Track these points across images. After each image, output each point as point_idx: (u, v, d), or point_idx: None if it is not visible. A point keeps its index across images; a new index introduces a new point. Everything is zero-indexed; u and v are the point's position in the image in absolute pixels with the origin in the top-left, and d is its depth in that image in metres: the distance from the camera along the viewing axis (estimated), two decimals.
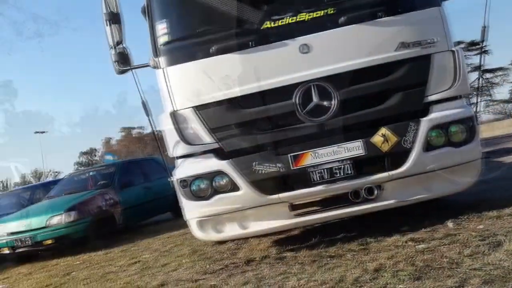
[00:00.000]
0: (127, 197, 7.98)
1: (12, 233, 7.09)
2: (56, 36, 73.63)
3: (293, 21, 3.42)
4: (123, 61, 3.73)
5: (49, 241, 6.88)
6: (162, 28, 3.62)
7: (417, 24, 3.52)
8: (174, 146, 3.69)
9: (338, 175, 3.40)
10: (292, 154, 3.40)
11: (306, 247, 3.80)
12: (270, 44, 3.44)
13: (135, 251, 5.93)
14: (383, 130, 3.41)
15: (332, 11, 3.42)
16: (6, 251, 7.11)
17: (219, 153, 3.60)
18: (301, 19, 3.42)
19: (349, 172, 3.40)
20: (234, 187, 3.50)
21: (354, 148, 3.39)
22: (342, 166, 3.40)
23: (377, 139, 3.40)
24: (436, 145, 3.47)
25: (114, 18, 3.69)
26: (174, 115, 3.63)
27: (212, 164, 3.58)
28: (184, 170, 3.69)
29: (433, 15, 3.52)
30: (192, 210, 3.73)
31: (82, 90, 75.01)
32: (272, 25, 3.43)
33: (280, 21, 3.42)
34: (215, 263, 4.00)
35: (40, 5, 68.96)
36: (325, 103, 3.38)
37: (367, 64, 3.43)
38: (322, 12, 3.42)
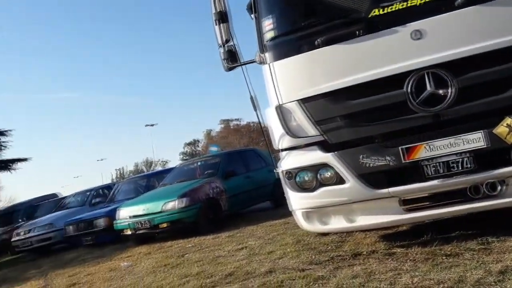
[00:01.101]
0: (231, 185, 8.42)
1: (133, 216, 7.94)
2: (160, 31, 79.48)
3: (404, 6, 3.24)
4: (232, 58, 3.89)
5: (165, 225, 7.56)
6: (268, 24, 3.70)
7: None
8: (280, 139, 3.77)
9: (456, 169, 3.16)
10: (403, 146, 3.25)
11: (417, 243, 3.63)
12: (379, 32, 3.30)
13: (241, 237, 6.23)
14: (508, 120, 3.08)
15: None
16: (129, 232, 8.00)
17: (324, 146, 3.58)
18: (413, 4, 3.22)
19: (469, 166, 3.14)
20: (340, 180, 3.47)
21: (474, 140, 3.11)
22: (460, 160, 3.15)
23: (501, 129, 3.09)
24: None
25: (223, 17, 3.87)
26: (280, 109, 3.70)
27: (316, 156, 3.58)
28: (289, 162, 3.75)
29: None
30: (297, 201, 3.79)
31: (184, 84, 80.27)
32: (381, 12, 3.28)
33: (390, 7, 3.26)
34: (321, 254, 4.04)
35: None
36: (440, 91, 3.15)
37: (488, 48, 3.10)
38: None
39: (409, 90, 3.21)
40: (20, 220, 14.20)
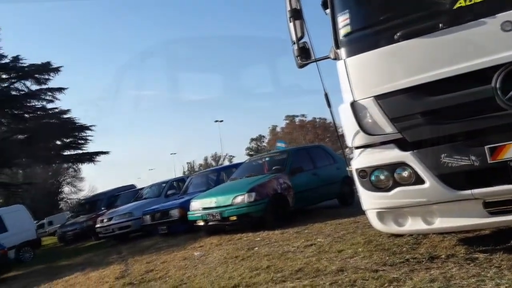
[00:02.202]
0: (298, 182, 8.42)
1: (205, 208, 8.25)
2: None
3: None
4: (305, 55, 3.89)
5: (234, 217, 7.76)
6: (343, 19, 3.64)
7: None
8: (353, 136, 3.70)
9: None
10: (489, 146, 3.04)
11: (502, 249, 3.40)
12: (464, 25, 3.11)
13: (309, 234, 6.22)
14: None
15: None
16: (201, 223, 8.33)
17: (401, 144, 3.46)
18: None
19: None
20: (418, 180, 3.33)
21: None
22: None
23: None
24: None
25: (297, 15, 3.88)
26: (354, 106, 3.63)
27: (393, 155, 3.46)
28: (363, 160, 3.67)
29: None
30: (371, 200, 3.70)
31: (250, 81, 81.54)
32: (467, 3, 3.09)
33: None
34: (395, 256, 3.92)
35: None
36: None
37: None
38: None
39: (497, 85, 2.99)
40: (103, 208, 15.46)
